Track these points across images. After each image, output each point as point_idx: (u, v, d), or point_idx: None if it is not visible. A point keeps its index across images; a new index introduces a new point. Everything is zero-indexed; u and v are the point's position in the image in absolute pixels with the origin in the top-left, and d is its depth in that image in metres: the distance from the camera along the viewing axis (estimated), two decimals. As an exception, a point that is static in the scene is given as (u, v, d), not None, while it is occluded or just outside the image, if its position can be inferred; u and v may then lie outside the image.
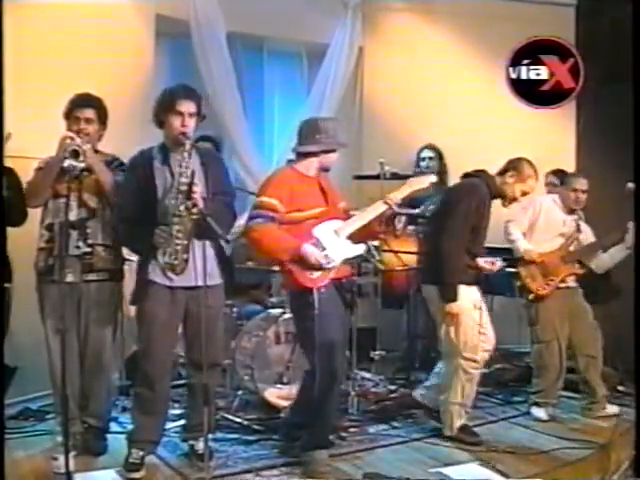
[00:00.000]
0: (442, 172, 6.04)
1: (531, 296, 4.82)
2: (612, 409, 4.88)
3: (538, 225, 4.88)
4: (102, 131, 4.03)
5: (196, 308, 3.64)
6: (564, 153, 6.15)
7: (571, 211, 4.90)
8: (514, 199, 4.31)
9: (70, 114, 3.96)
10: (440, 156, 6.07)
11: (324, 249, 3.78)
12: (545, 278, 4.79)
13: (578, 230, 4.89)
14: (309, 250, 3.74)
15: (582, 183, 4.86)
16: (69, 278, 3.78)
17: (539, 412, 4.79)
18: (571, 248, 4.85)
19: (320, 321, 3.69)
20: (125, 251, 4.07)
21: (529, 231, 4.88)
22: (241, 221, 4.14)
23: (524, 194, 4.31)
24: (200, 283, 3.47)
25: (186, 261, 3.61)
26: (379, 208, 3.90)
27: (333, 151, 3.97)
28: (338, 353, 3.83)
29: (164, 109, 3.70)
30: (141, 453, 3.72)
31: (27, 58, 4.52)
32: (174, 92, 3.72)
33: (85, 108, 3.94)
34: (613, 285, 5.52)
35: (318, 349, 3.70)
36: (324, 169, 3.99)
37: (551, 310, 4.82)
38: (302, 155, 3.96)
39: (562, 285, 4.84)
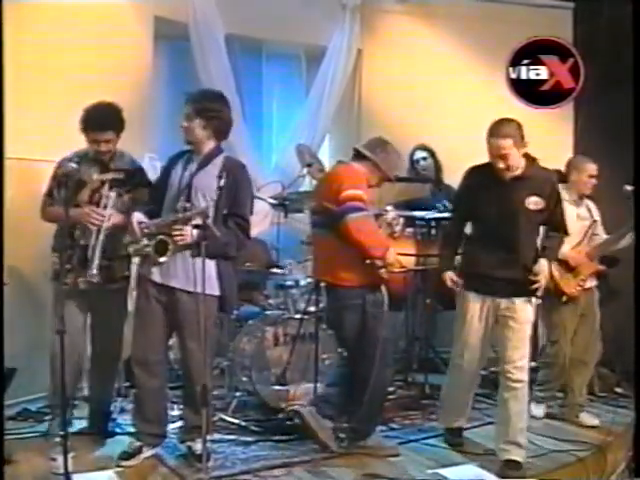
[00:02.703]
0: (438, 170, 6.03)
1: (564, 298, 4.68)
2: (590, 420, 4.73)
3: None
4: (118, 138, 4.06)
5: (178, 313, 3.76)
6: (561, 154, 6.16)
7: (580, 200, 4.80)
8: (495, 164, 3.88)
9: (87, 133, 3.92)
10: (433, 154, 6.06)
11: None
12: (575, 278, 4.68)
13: (592, 217, 4.81)
14: (392, 251, 3.95)
15: (594, 168, 4.79)
16: (82, 286, 3.85)
17: (537, 409, 4.78)
18: (591, 242, 4.75)
19: (383, 317, 3.99)
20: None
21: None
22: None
23: (494, 157, 3.86)
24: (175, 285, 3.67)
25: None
26: None
27: (382, 180, 4.12)
28: (392, 346, 4.25)
29: None
30: (137, 444, 3.82)
31: (27, 59, 4.53)
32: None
33: (104, 131, 3.92)
34: (611, 287, 5.52)
35: (384, 343, 3.94)
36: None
37: (564, 311, 4.73)
38: (362, 159, 4.08)
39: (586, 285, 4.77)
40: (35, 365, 4.28)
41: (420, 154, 6.04)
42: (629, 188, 4.51)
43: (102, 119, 3.92)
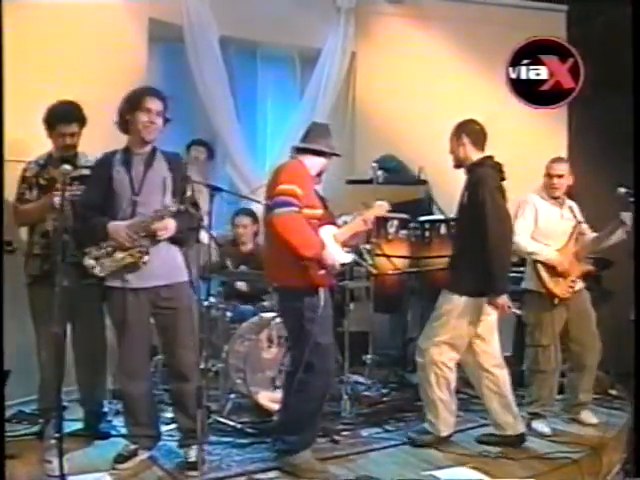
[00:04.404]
0: (408, 181, 5.94)
1: (556, 300, 4.58)
2: (590, 418, 4.73)
3: (539, 225, 4.65)
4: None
5: (160, 310, 3.74)
6: (556, 155, 6.20)
7: (561, 200, 4.71)
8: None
9: (54, 127, 4.00)
10: (394, 169, 6.00)
11: None
12: (566, 280, 4.58)
13: (575, 218, 4.71)
14: (330, 251, 3.76)
15: (555, 168, 4.68)
16: (65, 283, 3.80)
17: (542, 426, 4.57)
18: (578, 243, 4.64)
19: (322, 321, 3.73)
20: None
21: (535, 234, 4.64)
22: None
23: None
24: (157, 283, 3.68)
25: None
26: (359, 225, 4.03)
27: (329, 158, 4.00)
28: (332, 354, 3.91)
29: (131, 106, 3.71)
30: (132, 447, 3.81)
31: (23, 61, 4.52)
32: (142, 90, 3.79)
33: (70, 123, 4.01)
34: (604, 289, 5.53)
35: (316, 349, 3.70)
36: (320, 174, 4.01)
37: (553, 313, 4.61)
38: (308, 153, 3.93)
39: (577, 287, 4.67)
40: (27, 367, 4.26)
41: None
42: (622, 190, 4.50)
43: (68, 112, 4.03)
